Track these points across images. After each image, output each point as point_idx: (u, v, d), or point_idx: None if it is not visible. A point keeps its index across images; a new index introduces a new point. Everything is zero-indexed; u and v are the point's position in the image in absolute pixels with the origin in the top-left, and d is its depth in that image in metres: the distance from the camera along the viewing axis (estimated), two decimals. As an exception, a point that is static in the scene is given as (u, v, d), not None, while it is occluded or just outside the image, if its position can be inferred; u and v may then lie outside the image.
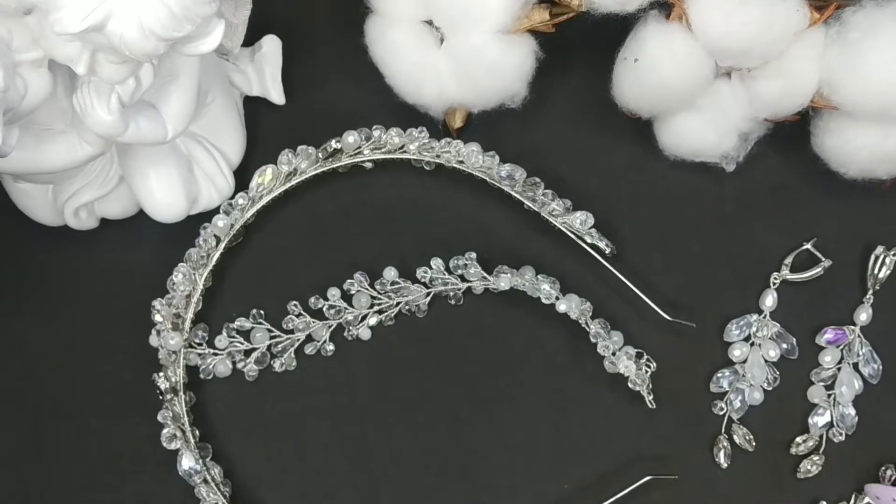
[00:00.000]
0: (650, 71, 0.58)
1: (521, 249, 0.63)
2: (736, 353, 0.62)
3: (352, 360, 0.63)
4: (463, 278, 0.62)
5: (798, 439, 0.61)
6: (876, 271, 0.62)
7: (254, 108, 0.65)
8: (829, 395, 0.61)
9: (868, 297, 0.62)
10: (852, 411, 0.61)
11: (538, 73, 0.61)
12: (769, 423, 0.62)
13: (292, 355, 0.62)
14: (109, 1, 0.48)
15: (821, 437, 0.61)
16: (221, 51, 0.62)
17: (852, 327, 0.62)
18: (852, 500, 0.61)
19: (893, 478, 0.60)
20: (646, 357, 0.61)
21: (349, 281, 0.62)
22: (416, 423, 0.62)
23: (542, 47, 0.61)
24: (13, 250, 0.64)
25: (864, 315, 0.62)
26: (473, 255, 0.62)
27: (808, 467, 0.61)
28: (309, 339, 0.63)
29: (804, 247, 0.62)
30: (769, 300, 0.62)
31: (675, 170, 0.63)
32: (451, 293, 0.62)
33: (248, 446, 0.62)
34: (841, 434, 0.61)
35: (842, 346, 0.62)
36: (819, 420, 0.61)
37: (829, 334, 0.62)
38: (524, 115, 0.62)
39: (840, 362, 0.62)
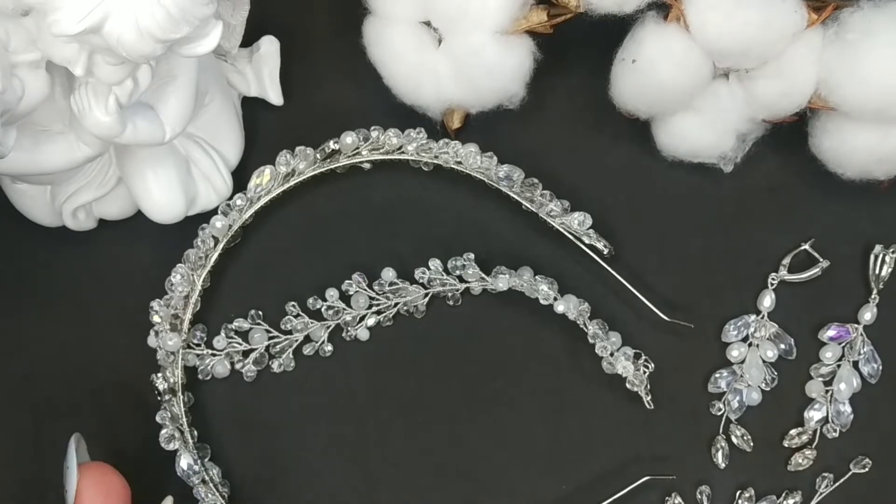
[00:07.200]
0: (648, 72, 0.58)
1: (520, 250, 0.63)
2: (734, 353, 0.62)
3: (350, 360, 0.63)
4: (461, 279, 0.62)
5: (792, 431, 0.61)
6: (878, 271, 0.62)
7: (252, 108, 0.64)
8: (827, 391, 0.61)
9: (874, 296, 0.62)
10: (848, 408, 0.61)
11: (536, 73, 0.61)
12: (767, 423, 0.62)
13: (290, 356, 0.62)
14: (107, 2, 0.48)
15: (815, 431, 0.61)
16: (219, 51, 0.62)
17: (856, 325, 0.62)
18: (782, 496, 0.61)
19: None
20: (644, 357, 0.61)
21: (347, 282, 0.62)
22: (415, 424, 0.62)
23: (541, 48, 0.60)
24: (11, 251, 0.64)
25: (868, 314, 0.62)
26: (471, 255, 0.62)
27: (799, 461, 0.61)
28: (307, 339, 0.62)
29: (802, 247, 0.62)
30: (767, 301, 0.62)
31: (673, 170, 0.63)
32: (450, 294, 0.62)
33: (246, 447, 0.62)
34: (835, 430, 0.61)
35: (843, 344, 0.62)
36: (815, 414, 0.61)
37: (832, 331, 0.62)
38: (522, 116, 0.62)
39: (841, 359, 0.62)
